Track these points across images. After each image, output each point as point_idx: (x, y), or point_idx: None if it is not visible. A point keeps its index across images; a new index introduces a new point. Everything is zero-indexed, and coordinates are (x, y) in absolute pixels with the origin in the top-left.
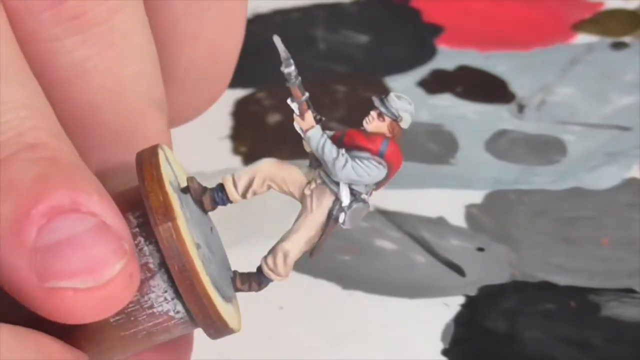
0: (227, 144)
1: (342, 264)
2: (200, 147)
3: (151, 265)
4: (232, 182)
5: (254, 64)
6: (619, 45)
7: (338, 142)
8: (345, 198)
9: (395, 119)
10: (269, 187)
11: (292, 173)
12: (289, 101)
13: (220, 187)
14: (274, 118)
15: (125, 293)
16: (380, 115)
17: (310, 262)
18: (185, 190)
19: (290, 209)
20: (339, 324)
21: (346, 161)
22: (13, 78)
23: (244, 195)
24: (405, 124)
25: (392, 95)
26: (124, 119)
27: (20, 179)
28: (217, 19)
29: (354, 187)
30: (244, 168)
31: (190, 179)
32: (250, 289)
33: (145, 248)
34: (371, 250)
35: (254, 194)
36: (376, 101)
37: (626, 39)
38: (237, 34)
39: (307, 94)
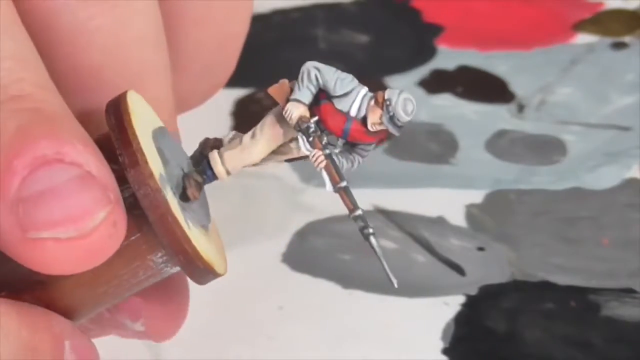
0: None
1: (342, 264)
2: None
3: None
4: (224, 171)
5: (254, 64)
6: (619, 45)
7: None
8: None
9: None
10: None
11: (279, 144)
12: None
13: (209, 168)
14: None
15: (109, 242)
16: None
17: (310, 262)
18: (185, 198)
19: (291, 209)
20: (339, 324)
21: (352, 165)
22: (1, 31)
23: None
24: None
25: (400, 113)
26: (127, 81)
27: (2, 130)
28: (225, 4)
29: None
30: (234, 151)
31: (190, 186)
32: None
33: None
34: (371, 250)
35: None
36: (389, 127)
37: (626, 39)
38: (243, 19)
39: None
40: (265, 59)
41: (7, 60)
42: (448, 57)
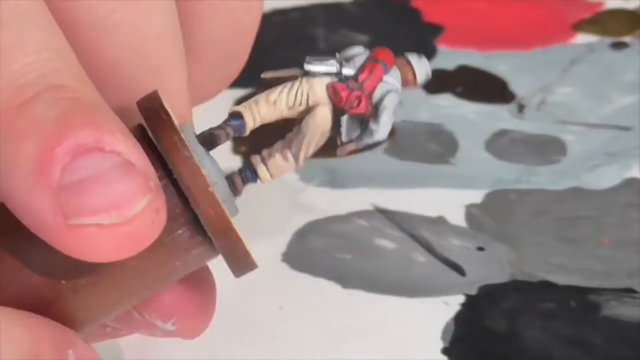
0: (227, 144)
1: (342, 263)
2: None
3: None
4: (269, 174)
5: (254, 64)
6: (619, 45)
7: None
8: None
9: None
10: None
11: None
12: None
13: (255, 174)
14: None
15: (152, 228)
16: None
17: (310, 262)
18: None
19: (291, 209)
20: (339, 324)
21: None
22: (35, 21)
23: None
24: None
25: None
26: (147, 76)
27: (43, 118)
28: None
29: None
30: (287, 171)
31: (236, 181)
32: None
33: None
34: (371, 250)
35: None
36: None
37: (626, 39)
38: (255, 10)
39: None
40: (265, 59)
41: (44, 51)
42: (448, 57)
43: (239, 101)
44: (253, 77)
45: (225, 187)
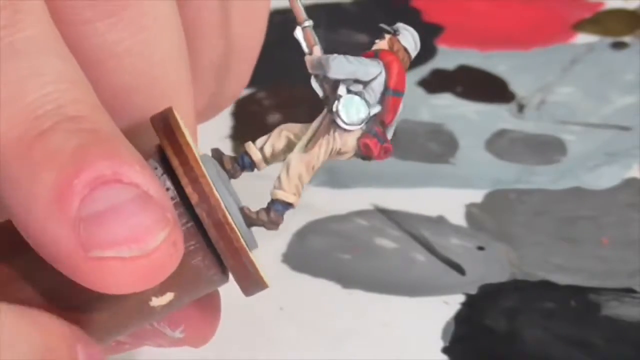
0: (227, 144)
1: (342, 263)
2: (200, 147)
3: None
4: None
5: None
6: (619, 45)
7: None
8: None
9: (394, 34)
10: None
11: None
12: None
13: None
14: (274, 118)
15: (170, 261)
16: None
17: (310, 262)
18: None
19: (290, 211)
20: (339, 324)
21: (338, 56)
22: (52, 52)
23: None
24: (404, 39)
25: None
26: (155, 102)
27: (61, 149)
28: (241, 13)
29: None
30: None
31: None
32: (263, 220)
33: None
34: (371, 249)
35: None
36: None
37: (626, 39)
38: (259, 29)
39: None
40: (265, 59)
41: (61, 82)
42: (448, 57)
43: (239, 101)
44: (253, 77)
45: (250, 230)
